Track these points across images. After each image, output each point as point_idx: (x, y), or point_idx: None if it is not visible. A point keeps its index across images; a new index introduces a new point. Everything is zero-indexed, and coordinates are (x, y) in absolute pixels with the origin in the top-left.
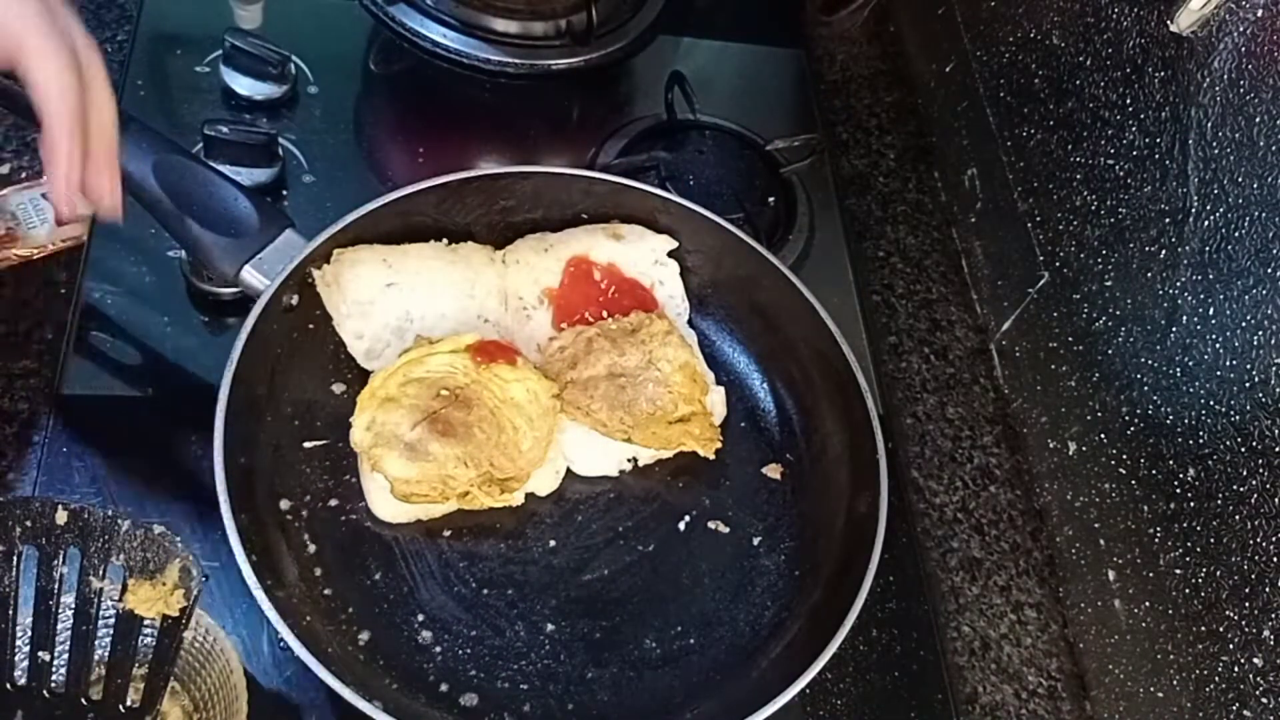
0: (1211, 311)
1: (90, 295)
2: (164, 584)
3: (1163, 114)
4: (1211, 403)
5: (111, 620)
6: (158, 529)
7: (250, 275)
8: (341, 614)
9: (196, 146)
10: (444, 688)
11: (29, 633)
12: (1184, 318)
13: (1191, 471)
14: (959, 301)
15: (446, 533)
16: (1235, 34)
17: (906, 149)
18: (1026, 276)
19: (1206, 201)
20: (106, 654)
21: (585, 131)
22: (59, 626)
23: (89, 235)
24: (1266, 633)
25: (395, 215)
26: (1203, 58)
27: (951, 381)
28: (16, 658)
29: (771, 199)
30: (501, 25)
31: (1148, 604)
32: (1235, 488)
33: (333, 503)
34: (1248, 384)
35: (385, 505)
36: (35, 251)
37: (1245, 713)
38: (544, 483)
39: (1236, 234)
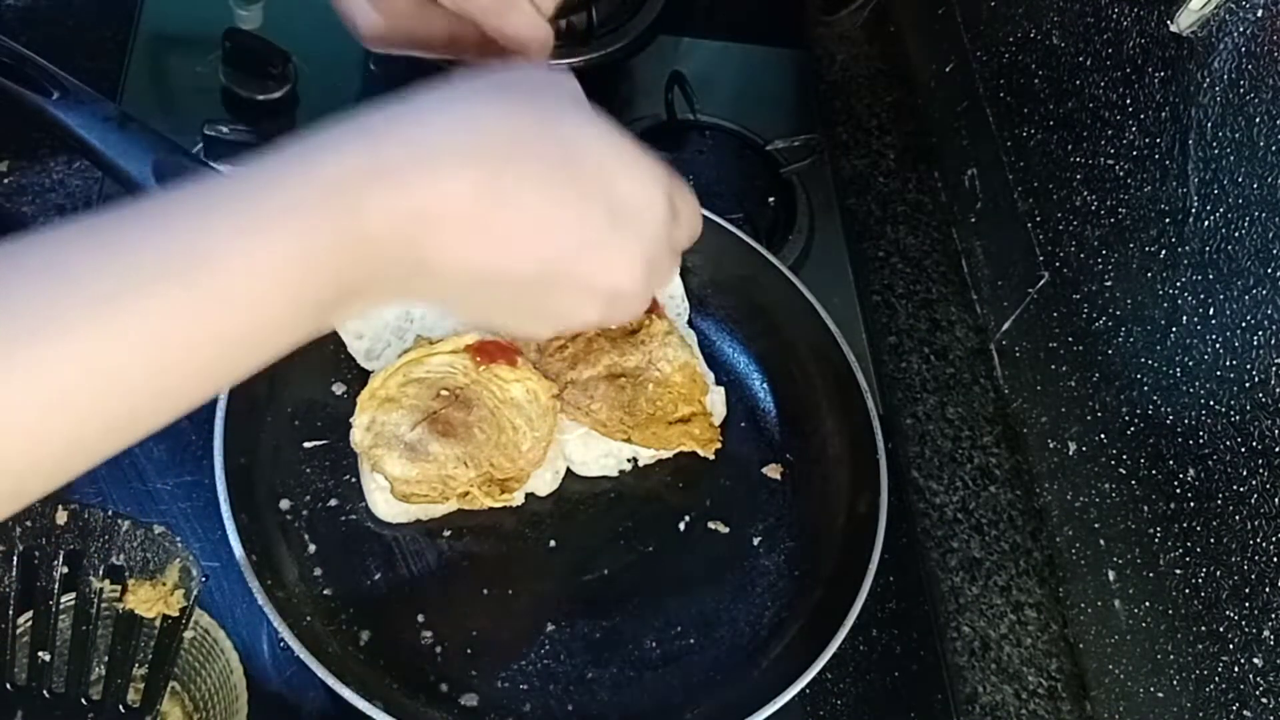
0: (1211, 311)
1: None
2: (164, 584)
3: (1163, 114)
4: (1211, 403)
5: (111, 620)
6: (158, 529)
7: None
8: (341, 614)
9: (196, 146)
10: (444, 688)
11: (29, 633)
12: (1184, 318)
13: (1191, 471)
14: (959, 301)
15: (446, 533)
16: (1235, 34)
17: (906, 149)
18: (1026, 276)
19: (1206, 201)
20: (106, 654)
21: None
22: (59, 626)
23: None
24: (1266, 633)
25: None
26: (1203, 58)
27: (951, 381)
28: (16, 658)
29: (771, 199)
30: None
31: (1148, 604)
32: (1235, 488)
33: (333, 503)
34: (1248, 384)
35: (385, 505)
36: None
37: (1245, 713)
38: (544, 483)
39: (1236, 234)
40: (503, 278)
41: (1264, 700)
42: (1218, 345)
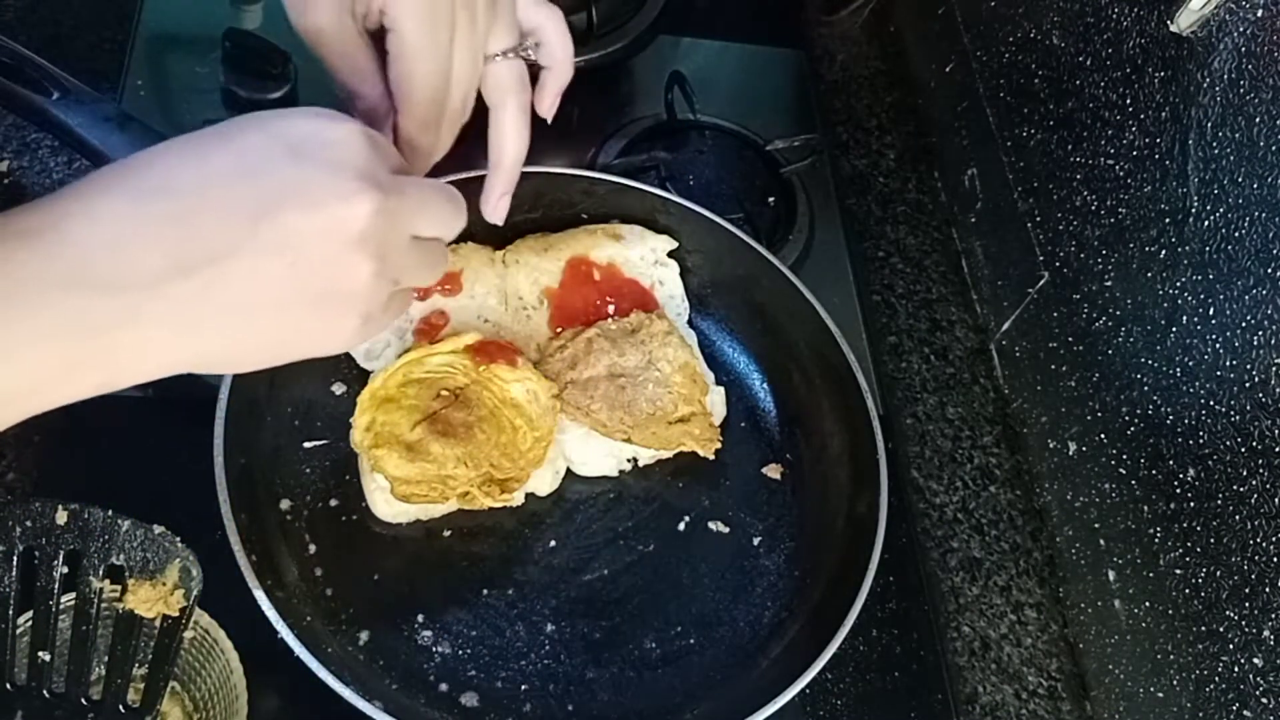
0: (1211, 311)
1: None
2: (164, 584)
3: (1163, 114)
4: (1211, 403)
5: (111, 620)
6: (158, 529)
7: None
8: (341, 614)
9: None
10: (444, 688)
11: (29, 633)
12: (1184, 318)
13: (1191, 471)
14: (959, 301)
15: (446, 533)
16: (1235, 34)
17: (906, 149)
18: (1026, 276)
19: (1206, 201)
20: (106, 654)
21: (585, 131)
22: (59, 626)
23: None
24: (1266, 633)
25: None
26: (1203, 58)
27: (951, 381)
28: (16, 658)
29: (771, 199)
30: None
31: (1148, 604)
32: (1235, 488)
33: (333, 503)
34: (1248, 384)
35: (385, 505)
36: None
37: (1245, 713)
38: (544, 483)
39: (1236, 234)
40: (225, 271)
41: (1264, 700)
42: (1218, 345)
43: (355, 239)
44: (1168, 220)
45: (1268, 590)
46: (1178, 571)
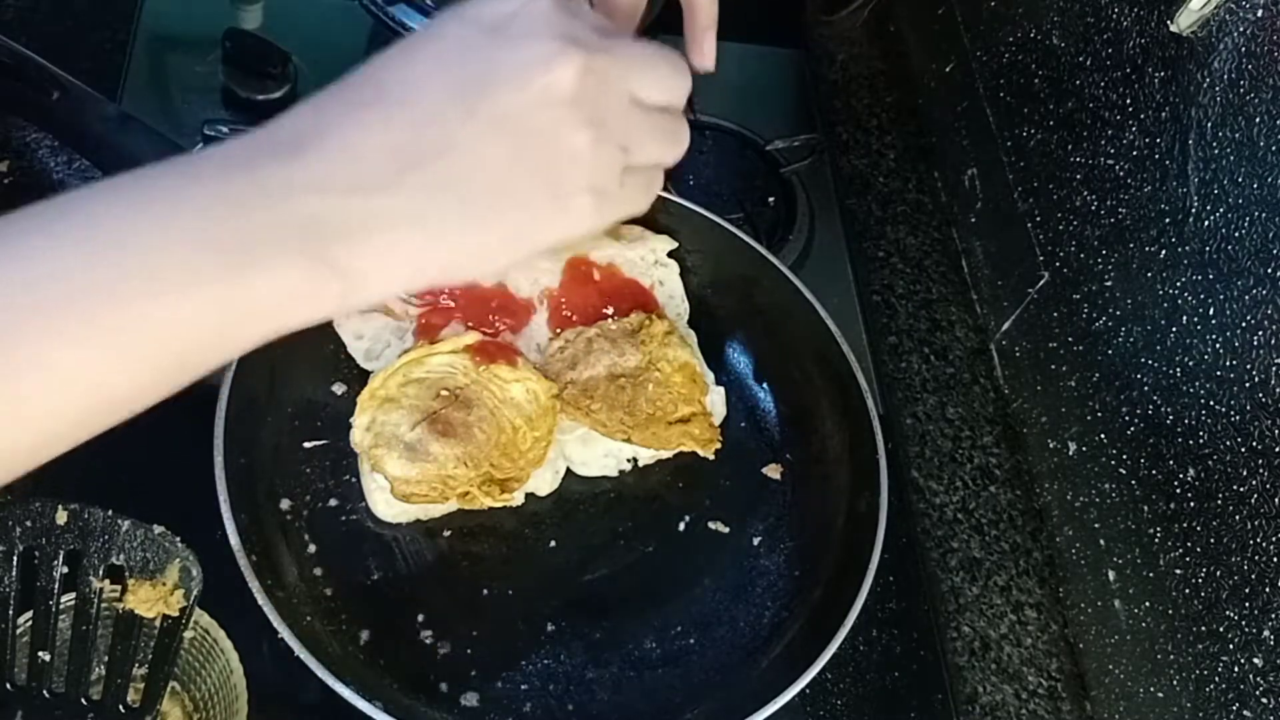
0: (1211, 311)
1: None
2: (164, 584)
3: (1163, 114)
4: (1211, 403)
5: (111, 620)
6: (158, 529)
7: None
8: (341, 614)
9: (197, 146)
10: (444, 688)
11: (29, 633)
12: (1184, 318)
13: (1191, 471)
14: (959, 301)
15: (446, 533)
16: (1235, 34)
17: (906, 149)
18: (1026, 276)
19: (1206, 201)
20: (106, 654)
21: None
22: (59, 626)
23: None
24: (1266, 633)
25: None
26: (1203, 58)
27: (951, 381)
28: (16, 658)
29: (771, 199)
30: None
31: (1148, 604)
32: (1235, 488)
33: (333, 503)
34: (1248, 384)
35: (385, 505)
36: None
37: (1245, 713)
38: (544, 483)
39: (1236, 234)
40: (458, 167)
41: (1264, 700)
42: (1218, 345)
43: (567, 103)
44: (1168, 220)
45: (1268, 590)
46: (1178, 571)
